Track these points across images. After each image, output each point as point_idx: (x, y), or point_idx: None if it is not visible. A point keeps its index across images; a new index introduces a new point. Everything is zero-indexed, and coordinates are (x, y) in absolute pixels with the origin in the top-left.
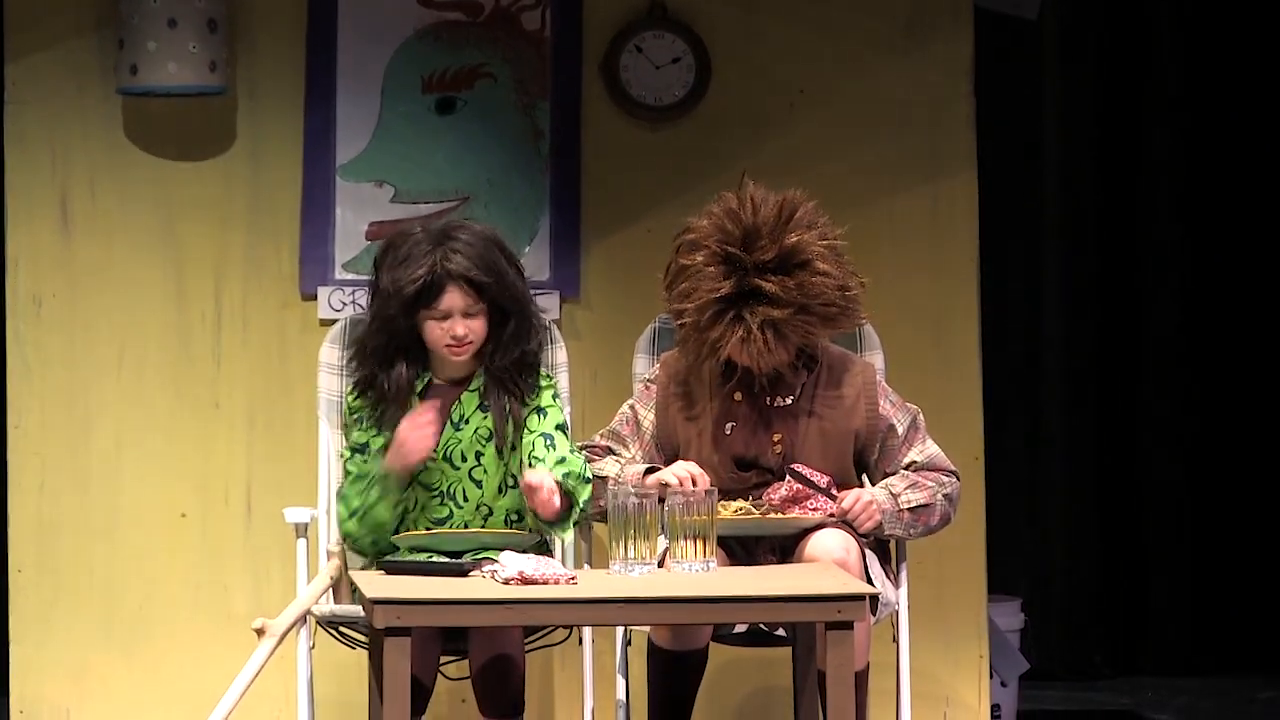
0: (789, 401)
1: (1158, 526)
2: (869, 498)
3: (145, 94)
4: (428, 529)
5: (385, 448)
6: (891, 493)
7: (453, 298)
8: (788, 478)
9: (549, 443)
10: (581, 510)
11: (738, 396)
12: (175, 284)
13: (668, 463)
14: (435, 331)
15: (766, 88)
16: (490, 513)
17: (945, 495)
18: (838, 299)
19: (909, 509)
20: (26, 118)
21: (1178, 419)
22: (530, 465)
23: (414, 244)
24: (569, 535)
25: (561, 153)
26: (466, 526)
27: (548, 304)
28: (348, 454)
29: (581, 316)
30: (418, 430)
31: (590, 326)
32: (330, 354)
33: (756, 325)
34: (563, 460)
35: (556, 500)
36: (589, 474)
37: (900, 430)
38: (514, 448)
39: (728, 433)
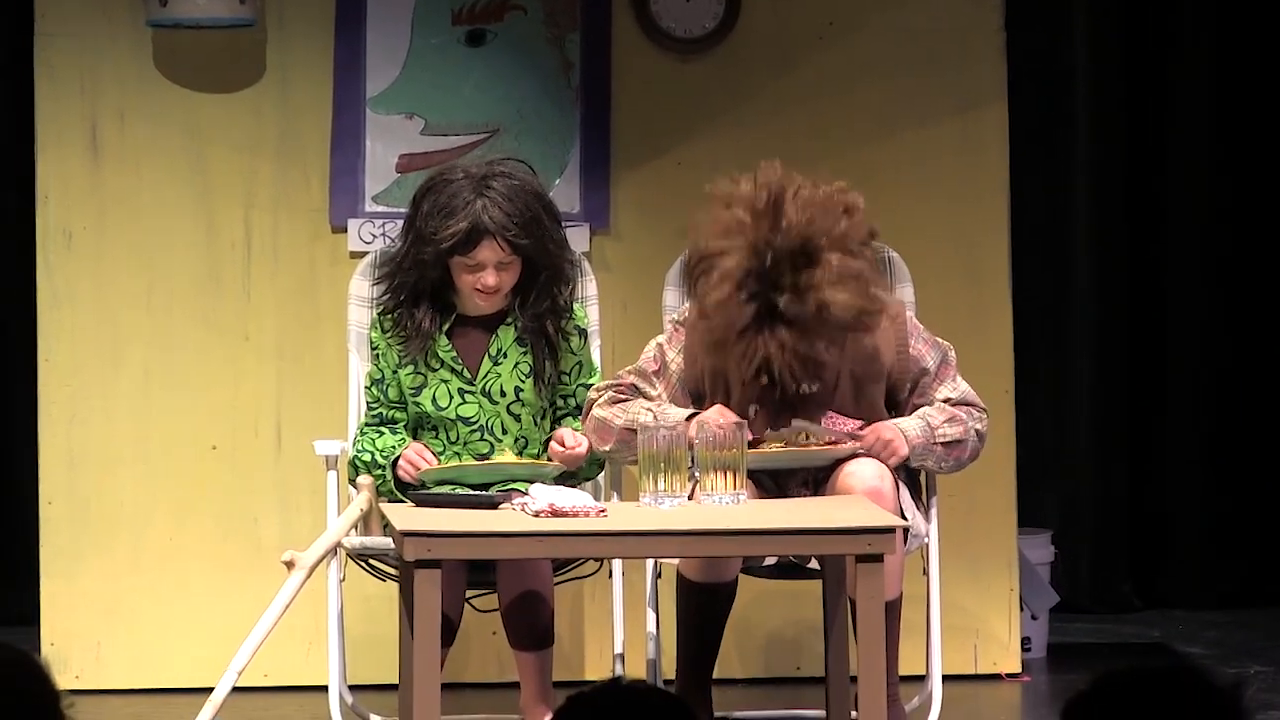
0: (815, 389)
1: (1188, 459)
2: (890, 435)
3: (175, 26)
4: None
5: (410, 387)
6: (929, 424)
7: (487, 250)
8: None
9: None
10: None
11: (763, 380)
12: (205, 217)
13: (693, 403)
14: (466, 278)
15: (796, 19)
16: (527, 444)
17: (976, 431)
18: (852, 321)
19: (943, 443)
20: (56, 50)
21: (1208, 350)
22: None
23: (454, 192)
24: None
25: (591, 85)
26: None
27: (577, 236)
28: (368, 383)
29: (611, 248)
30: (416, 464)
31: (620, 258)
32: (360, 286)
33: (775, 347)
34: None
35: (582, 449)
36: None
37: (932, 368)
38: (552, 384)
39: (751, 416)
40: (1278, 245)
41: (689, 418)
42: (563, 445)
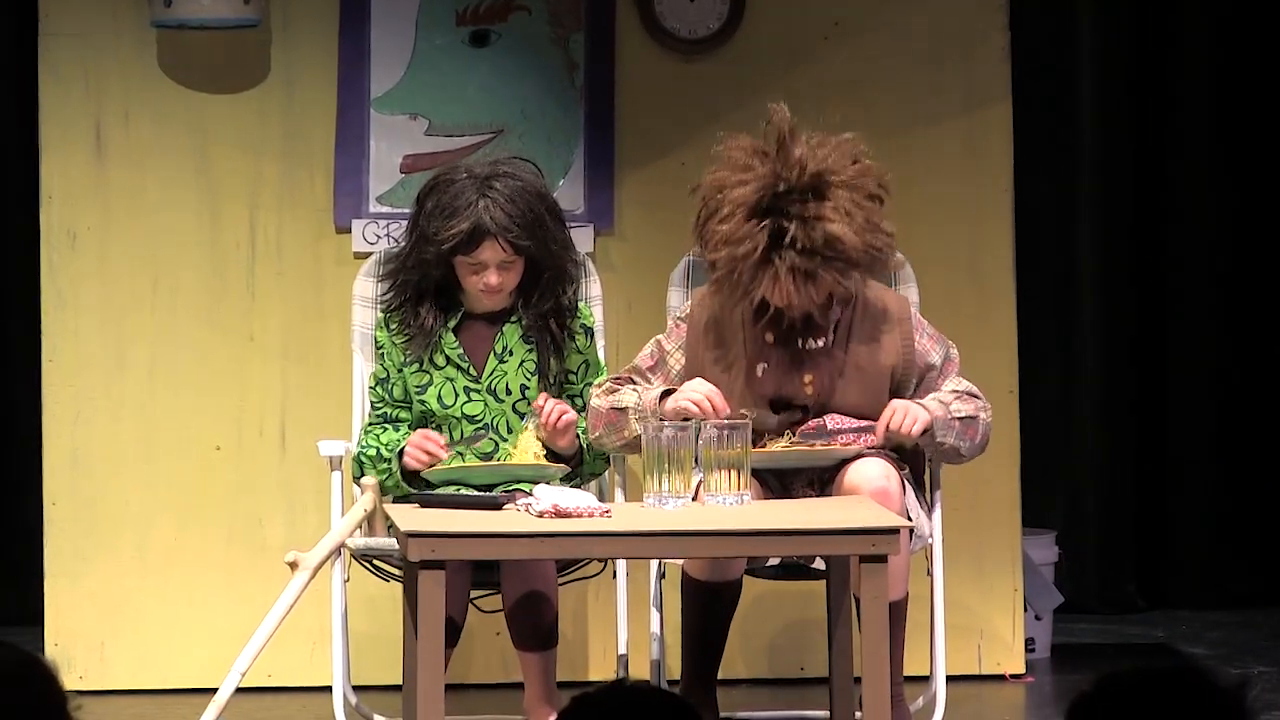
0: (821, 344)
1: (1193, 460)
2: (905, 403)
3: (179, 26)
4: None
5: (415, 383)
6: (941, 400)
7: (489, 251)
8: (825, 422)
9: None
10: (590, 468)
11: (769, 337)
12: (210, 217)
13: None
14: (470, 277)
15: (801, 20)
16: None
17: (985, 417)
18: (862, 255)
19: (959, 418)
20: (61, 50)
21: (1213, 349)
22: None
23: (456, 192)
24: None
25: (595, 86)
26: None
27: (582, 237)
28: (372, 383)
29: (615, 249)
30: (423, 445)
31: (624, 259)
32: (364, 287)
33: (785, 270)
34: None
35: (569, 416)
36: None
37: (937, 364)
38: (558, 382)
39: (759, 374)
40: None
41: (663, 396)
42: (540, 408)
